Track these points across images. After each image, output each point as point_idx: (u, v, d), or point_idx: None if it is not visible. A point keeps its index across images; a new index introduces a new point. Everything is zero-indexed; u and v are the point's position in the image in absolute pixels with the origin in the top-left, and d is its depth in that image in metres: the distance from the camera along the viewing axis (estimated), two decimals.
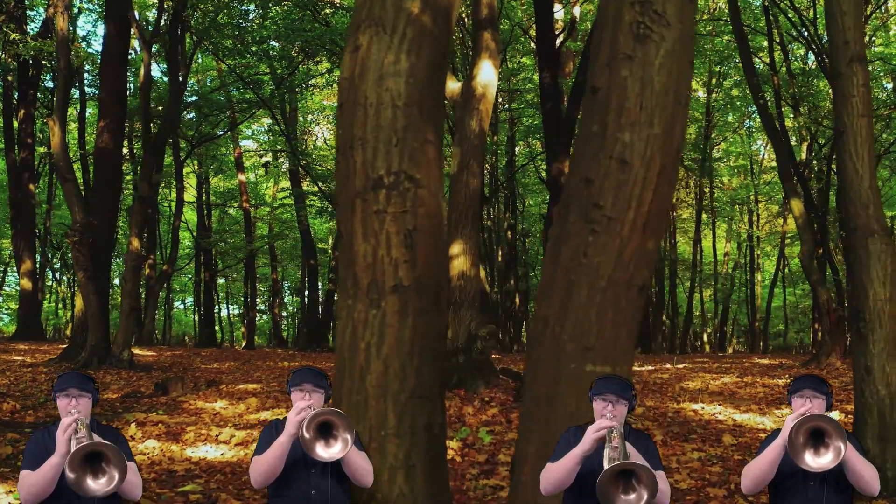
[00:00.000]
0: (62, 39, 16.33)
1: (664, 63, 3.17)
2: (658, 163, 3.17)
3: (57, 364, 16.25)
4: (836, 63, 7.03)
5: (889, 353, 6.69)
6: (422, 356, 3.46)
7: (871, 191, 6.86)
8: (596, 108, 3.27)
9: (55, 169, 20.56)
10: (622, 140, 3.16)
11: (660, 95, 3.17)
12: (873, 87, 27.71)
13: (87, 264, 16.17)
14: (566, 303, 3.24)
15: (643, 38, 3.15)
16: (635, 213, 3.16)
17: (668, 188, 3.23)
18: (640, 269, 3.20)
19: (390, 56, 3.44)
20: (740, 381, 14.66)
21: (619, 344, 3.23)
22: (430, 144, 3.51)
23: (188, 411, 10.39)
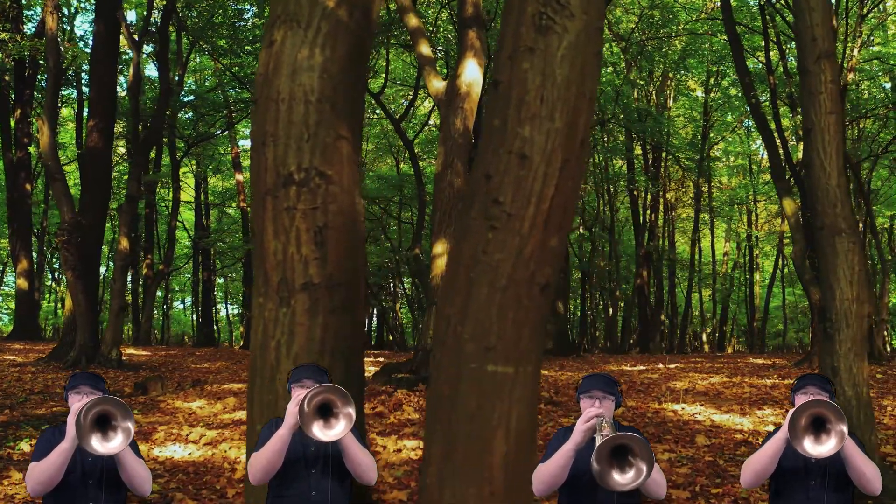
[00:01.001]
0: (51, 39, 16.33)
1: (566, 55, 3.10)
2: (559, 158, 3.10)
3: (45, 364, 16.25)
4: (804, 60, 6.95)
5: (856, 353, 6.60)
6: (333, 355, 3.40)
7: (839, 189, 6.77)
8: (498, 102, 3.21)
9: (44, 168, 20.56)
10: (522, 135, 3.09)
11: (561, 88, 3.10)
12: (871, 86, 27.57)
13: (75, 263, 16.18)
14: (467, 302, 3.18)
15: (545, 30, 3.08)
16: (536, 209, 3.08)
17: (571, 184, 3.15)
18: (541, 268, 3.12)
19: (304, 51, 3.39)
20: (729, 381, 14.57)
21: (522, 344, 3.16)
22: (344, 140, 3.45)
23: (164, 411, 10.35)
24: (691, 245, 35.13)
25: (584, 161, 3.23)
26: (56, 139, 16.83)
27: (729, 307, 36.37)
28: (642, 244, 31.08)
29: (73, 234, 15.99)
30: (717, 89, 30.77)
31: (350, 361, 3.50)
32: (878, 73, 26.47)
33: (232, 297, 42.66)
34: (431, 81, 13.99)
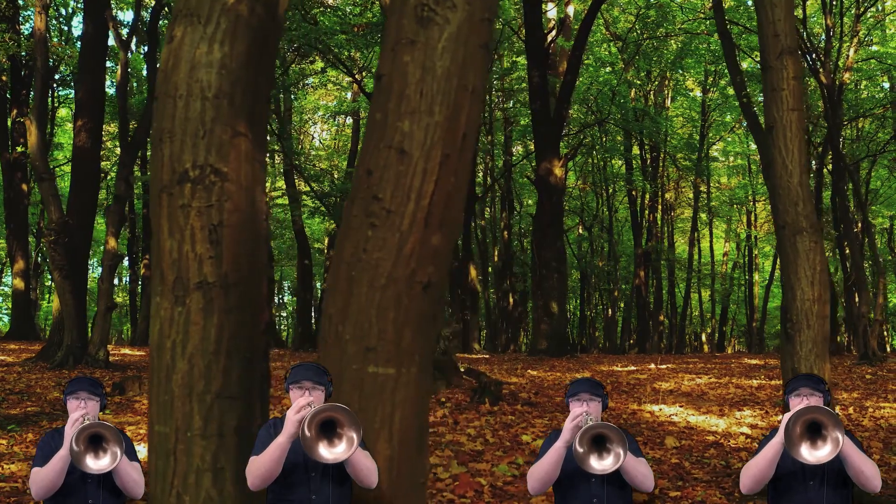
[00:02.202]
0: (40, 39, 16.33)
1: (447, 47, 3.02)
2: (439, 153, 3.02)
3: (33, 364, 16.25)
4: (766, 56, 6.83)
5: (817, 354, 6.48)
6: (230, 356, 3.33)
7: (801, 187, 6.66)
8: (380, 96, 3.15)
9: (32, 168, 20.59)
10: (402, 129, 3.02)
11: (442, 82, 3.03)
12: (869, 86, 27.38)
13: (62, 264, 16.17)
14: (347, 301, 3.11)
15: (427, 22, 3.01)
16: (415, 205, 3.01)
17: (454, 180, 3.07)
18: (423, 266, 3.05)
19: (203, 47, 3.33)
20: (716, 381, 14.47)
21: (403, 344, 3.08)
22: (242, 137, 3.38)
23: (137, 411, 10.31)
24: (689, 245, 34.99)
25: (468, 157, 3.15)
26: (44, 139, 16.81)
27: (729, 307, 36.21)
28: (641, 244, 30.97)
29: (60, 235, 15.98)
30: (715, 89, 30.63)
31: (250, 362, 3.43)
32: (877, 72, 26.27)
33: None
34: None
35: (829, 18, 22.30)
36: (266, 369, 3.59)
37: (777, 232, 6.81)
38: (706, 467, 7.62)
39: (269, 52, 3.61)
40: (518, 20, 26.73)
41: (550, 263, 22.44)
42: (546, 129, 22.39)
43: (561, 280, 22.88)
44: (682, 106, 32.79)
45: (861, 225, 24.32)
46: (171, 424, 3.29)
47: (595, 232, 34.12)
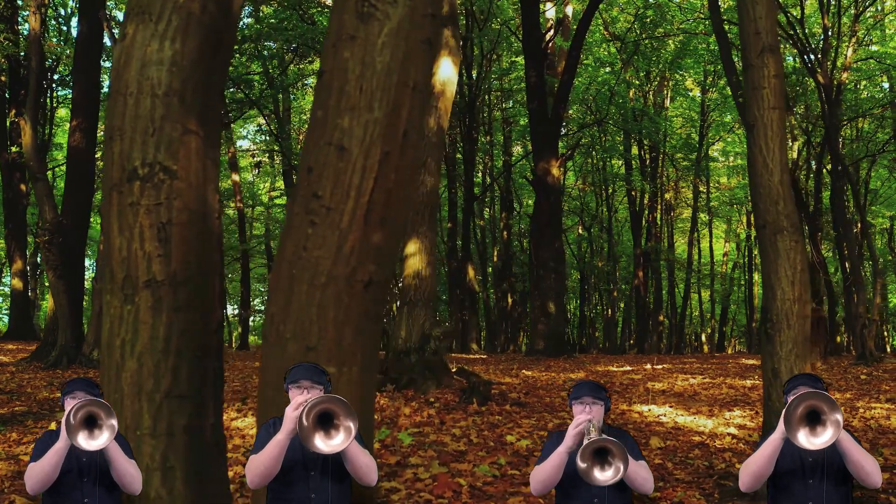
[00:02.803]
0: (34, 39, 16.36)
1: (387, 43, 2.99)
2: (379, 150, 2.99)
3: (27, 364, 16.25)
4: (747, 53, 6.80)
5: (797, 354, 6.44)
6: (179, 355, 3.30)
7: (782, 186, 6.62)
8: (321, 92, 3.11)
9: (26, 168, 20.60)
10: (341, 126, 2.99)
11: (382, 77, 2.99)
12: (868, 86, 27.28)
13: (56, 264, 16.18)
14: (288, 300, 3.08)
15: (367, 17, 2.98)
16: (355, 203, 2.98)
17: (394, 177, 3.04)
18: (364, 264, 3.01)
19: (154, 44, 3.31)
20: (710, 382, 14.43)
21: (344, 343, 3.05)
22: (193, 135, 3.35)
23: None
24: (689, 245, 34.92)
25: (410, 154, 3.12)
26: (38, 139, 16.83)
27: (729, 307, 36.12)
28: (640, 244, 30.91)
29: (54, 235, 15.99)
30: (714, 89, 30.55)
31: (202, 361, 3.40)
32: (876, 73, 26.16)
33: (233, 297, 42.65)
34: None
35: (827, 18, 22.22)
36: (219, 368, 3.56)
37: (758, 231, 6.77)
38: (689, 468, 7.58)
39: (223, 50, 3.59)
40: (517, 20, 26.68)
41: (548, 263, 22.40)
42: (544, 129, 22.35)
43: (559, 280, 22.84)
44: (681, 106, 32.72)
45: (860, 225, 24.22)
46: (120, 423, 3.26)
47: (594, 232, 34.06)
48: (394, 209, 3.08)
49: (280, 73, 25.81)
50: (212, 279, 3.45)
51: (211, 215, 3.45)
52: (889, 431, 9.29)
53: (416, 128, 3.09)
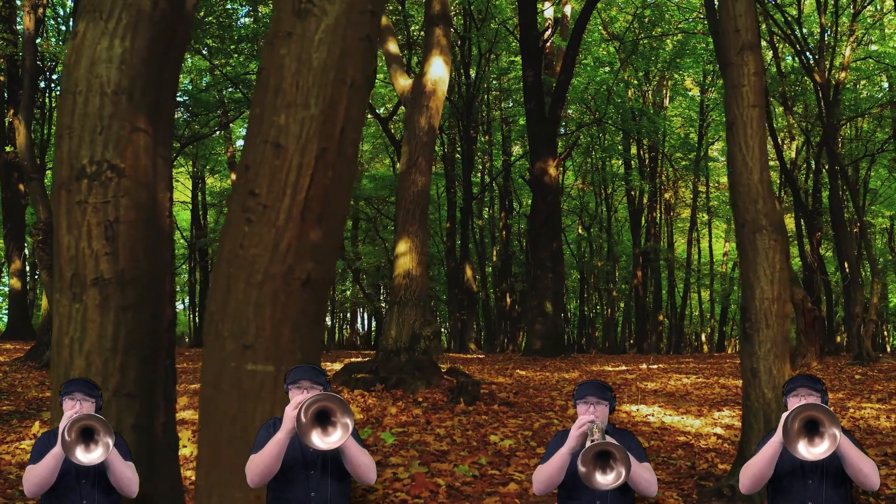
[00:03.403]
0: (28, 39, 16.38)
1: (324, 39, 2.97)
2: (315, 147, 2.97)
3: (21, 363, 16.26)
4: (727, 52, 6.77)
5: (776, 354, 6.42)
6: (127, 353, 3.29)
7: (761, 184, 6.59)
8: (259, 90, 3.10)
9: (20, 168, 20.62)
10: (278, 123, 2.98)
11: (318, 74, 2.98)
12: (868, 85, 27.19)
13: (50, 263, 16.18)
14: (226, 298, 3.07)
15: (304, 14, 2.96)
16: (291, 200, 2.96)
17: (331, 174, 3.02)
18: (301, 262, 2.99)
19: (104, 42, 3.29)
20: (703, 381, 14.40)
21: (282, 342, 3.03)
22: (142, 133, 3.34)
23: None
24: (688, 245, 34.84)
25: (348, 151, 3.10)
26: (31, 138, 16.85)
27: (729, 307, 36.02)
28: (639, 244, 30.86)
29: (48, 234, 16.01)
30: (713, 89, 30.48)
31: (152, 360, 3.39)
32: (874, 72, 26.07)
33: None
34: (397, 79, 13.90)
35: (825, 17, 22.15)
36: (171, 367, 3.55)
37: (737, 230, 6.74)
38: (670, 468, 7.55)
39: (176, 48, 3.57)
40: (515, 20, 26.65)
41: (545, 263, 22.36)
42: (540, 128, 22.32)
43: (557, 280, 22.80)
44: (680, 105, 32.65)
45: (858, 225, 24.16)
46: None
47: (594, 232, 34.01)
48: (332, 206, 3.06)
49: None
50: (161, 277, 3.44)
51: (161, 213, 3.44)
52: (877, 432, 9.25)
53: (354, 125, 3.07)
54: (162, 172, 3.46)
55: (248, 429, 3.06)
